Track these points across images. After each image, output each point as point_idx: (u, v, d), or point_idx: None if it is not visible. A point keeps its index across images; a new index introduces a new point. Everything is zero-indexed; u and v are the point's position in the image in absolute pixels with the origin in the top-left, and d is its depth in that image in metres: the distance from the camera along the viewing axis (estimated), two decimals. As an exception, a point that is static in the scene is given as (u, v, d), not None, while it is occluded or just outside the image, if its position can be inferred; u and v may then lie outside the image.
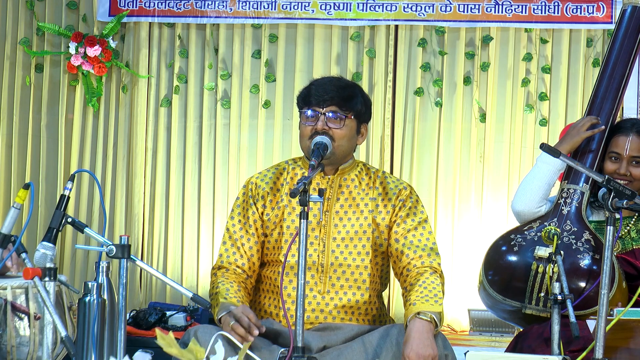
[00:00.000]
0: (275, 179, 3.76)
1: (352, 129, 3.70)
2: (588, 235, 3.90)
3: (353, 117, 3.68)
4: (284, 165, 3.80)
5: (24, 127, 7.09)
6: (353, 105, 3.68)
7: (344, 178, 3.73)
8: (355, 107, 3.69)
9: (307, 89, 3.73)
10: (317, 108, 3.65)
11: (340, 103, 3.66)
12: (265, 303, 3.71)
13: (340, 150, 3.67)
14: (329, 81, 3.74)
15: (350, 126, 3.68)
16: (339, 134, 3.65)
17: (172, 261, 6.96)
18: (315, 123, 3.65)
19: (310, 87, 3.72)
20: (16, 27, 7.08)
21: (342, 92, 3.68)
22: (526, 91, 6.77)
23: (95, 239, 3.22)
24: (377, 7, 6.80)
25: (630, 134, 4.00)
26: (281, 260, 3.65)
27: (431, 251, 3.67)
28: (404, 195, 3.73)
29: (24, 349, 3.59)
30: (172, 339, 2.62)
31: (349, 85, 3.76)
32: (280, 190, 3.74)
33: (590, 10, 6.64)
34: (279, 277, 3.63)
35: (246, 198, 3.74)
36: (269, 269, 3.72)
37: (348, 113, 3.67)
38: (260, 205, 3.73)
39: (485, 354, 3.55)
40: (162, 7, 6.95)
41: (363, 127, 3.75)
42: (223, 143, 6.97)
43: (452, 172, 6.80)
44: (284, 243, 3.67)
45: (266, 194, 3.73)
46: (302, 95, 3.74)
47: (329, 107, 3.65)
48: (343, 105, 3.66)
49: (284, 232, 3.68)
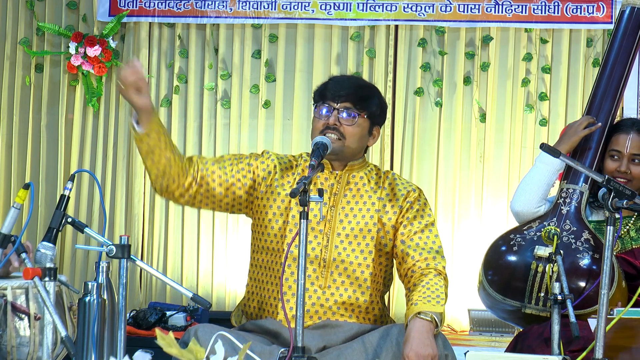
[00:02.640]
0: (289, 165, 3.75)
1: (364, 129, 3.69)
2: (587, 235, 3.91)
3: (366, 117, 3.67)
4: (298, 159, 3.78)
5: (24, 127, 7.09)
6: (368, 105, 3.67)
7: (352, 175, 3.73)
8: (370, 108, 3.68)
9: (324, 83, 3.74)
10: (332, 103, 3.65)
11: (355, 100, 3.65)
12: (265, 295, 3.70)
13: (350, 148, 3.67)
14: (348, 79, 3.78)
15: (362, 125, 3.67)
16: (349, 131, 3.64)
17: (172, 261, 6.96)
18: (328, 118, 3.65)
19: (328, 82, 3.73)
20: (16, 27, 7.08)
21: (359, 91, 3.68)
22: (526, 91, 6.77)
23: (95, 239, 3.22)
24: (377, 7, 6.80)
25: (631, 132, 4.01)
26: (284, 249, 3.65)
27: (437, 254, 3.67)
28: (412, 197, 3.72)
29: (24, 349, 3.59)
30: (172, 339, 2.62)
31: (367, 85, 3.78)
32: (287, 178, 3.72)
33: (590, 10, 6.65)
34: (280, 268, 3.63)
35: (255, 154, 3.75)
36: (271, 258, 3.70)
37: (362, 112, 3.66)
38: (261, 170, 3.71)
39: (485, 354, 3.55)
40: (162, 7, 6.95)
41: (375, 130, 3.75)
42: (223, 143, 6.97)
43: (452, 172, 6.80)
44: (288, 232, 3.66)
45: (273, 168, 3.72)
46: (318, 89, 3.74)
47: (343, 103, 3.65)
48: (358, 103, 3.66)
49: (289, 220, 3.66)
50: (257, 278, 3.74)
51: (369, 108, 3.68)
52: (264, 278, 3.72)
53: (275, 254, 3.68)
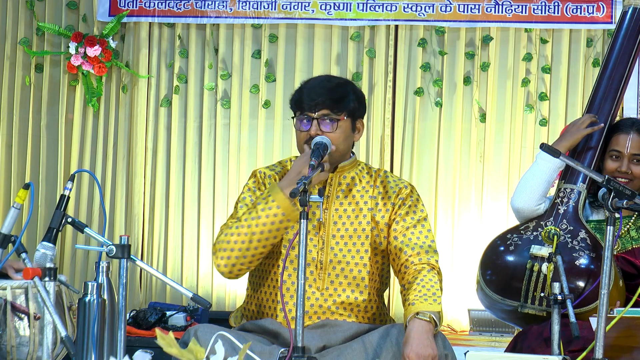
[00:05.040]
0: (280, 169, 3.76)
1: (347, 129, 3.68)
2: (584, 234, 3.91)
3: (346, 117, 3.67)
4: (287, 162, 3.79)
5: (24, 127, 7.09)
6: (345, 105, 3.66)
7: (343, 176, 3.73)
8: (348, 107, 3.66)
9: (298, 92, 3.71)
10: (310, 113, 3.64)
11: (331, 105, 3.63)
12: (263, 298, 3.71)
13: (338, 152, 3.67)
14: (319, 84, 3.70)
15: (344, 127, 3.67)
16: (333, 137, 3.64)
17: (172, 261, 6.96)
18: (308, 128, 3.64)
19: (302, 91, 3.70)
20: (16, 27, 7.08)
21: (333, 94, 3.65)
22: (526, 91, 6.77)
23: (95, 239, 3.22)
24: (377, 7, 6.80)
25: (631, 132, 4.02)
26: (281, 251, 3.65)
27: (429, 249, 3.67)
28: (404, 194, 3.73)
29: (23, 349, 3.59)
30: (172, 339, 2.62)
31: (339, 84, 3.72)
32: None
33: (590, 10, 6.65)
34: (278, 270, 3.63)
35: (257, 184, 3.72)
36: (269, 261, 3.70)
37: (340, 114, 3.65)
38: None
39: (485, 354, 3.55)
40: (162, 7, 6.95)
41: (359, 123, 3.74)
42: (223, 143, 6.97)
43: (452, 172, 6.80)
44: (284, 235, 3.66)
45: (268, 177, 3.72)
46: (293, 99, 3.72)
47: (320, 110, 3.63)
48: (334, 107, 3.64)
49: None
50: (256, 282, 3.75)
51: (347, 107, 3.66)
52: (262, 281, 3.73)
53: (273, 257, 3.69)
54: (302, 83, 3.78)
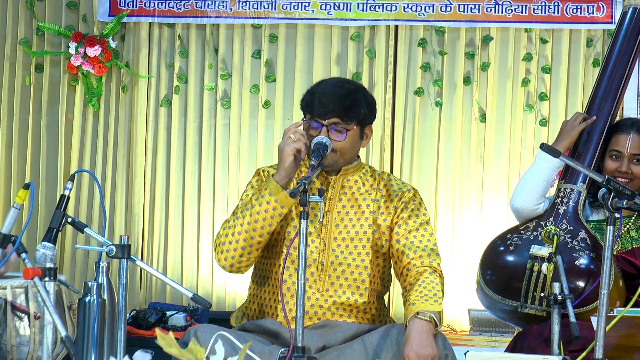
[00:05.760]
0: None
1: (356, 136, 3.68)
2: (584, 234, 3.91)
3: (356, 126, 3.66)
4: None
5: (24, 127, 7.09)
6: (355, 114, 3.63)
7: (347, 179, 3.73)
8: (358, 115, 3.64)
9: (310, 95, 3.68)
10: (320, 120, 3.63)
11: (342, 114, 3.62)
12: (265, 297, 3.71)
13: (344, 159, 3.67)
14: (331, 90, 3.66)
15: (352, 135, 3.66)
16: (340, 146, 3.63)
17: (172, 261, 6.96)
18: (318, 133, 3.63)
19: (313, 95, 3.66)
20: (16, 27, 7.08)
21: (343, 102, 3.62)
22: (526, 91, 6.77)
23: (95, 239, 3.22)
24: (377, 7, 6.80)
25: (631, 132, 4.02)
26: (283, 251, 3.65)
27: (431, 252, 3.67)
28: (407, 197, 3.73)
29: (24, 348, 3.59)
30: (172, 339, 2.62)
31: (351, 91, 3.67)
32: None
33: (590, 10, 6.65)
34: (279, 270, 3.64)
35: (260, 182, 3.72)
36: (270, 261, 3.71)
37: (350, 123, 3.63)
38: None
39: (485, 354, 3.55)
40: (162, 7, 6.95)
41: (367, 129, 3.73)
42: (223, 143, 6.97)
43: (452, 172, 6.80)
44: (286, 234, 3.67)
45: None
46: (304, 101, 3.69)
47: (330, 119, 3.62)
48: (345, 116, 3.62)
49: (288, 222, 3.67)
50: (259, 281, 3.76)
51: (357, 116, 3.64)
52: (264, 280, 3.73)
53: (276, 256, 3.69)
54: (315, 85, 3.73)
